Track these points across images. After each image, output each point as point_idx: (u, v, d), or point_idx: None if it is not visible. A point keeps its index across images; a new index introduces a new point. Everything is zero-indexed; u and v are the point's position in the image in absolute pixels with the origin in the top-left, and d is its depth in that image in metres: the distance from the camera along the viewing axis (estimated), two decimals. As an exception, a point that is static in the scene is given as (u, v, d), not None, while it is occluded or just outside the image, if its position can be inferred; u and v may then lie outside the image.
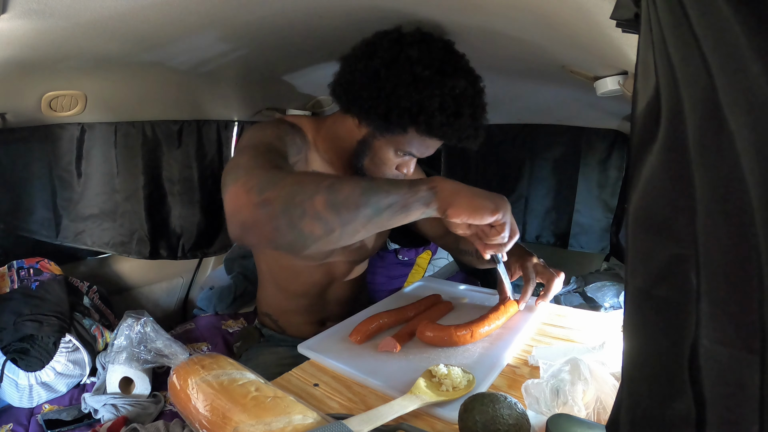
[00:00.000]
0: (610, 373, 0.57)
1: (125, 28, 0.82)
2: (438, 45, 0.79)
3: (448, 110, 0.76)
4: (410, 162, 0.90)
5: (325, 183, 0.60)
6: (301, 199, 0.58)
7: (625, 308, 0.36)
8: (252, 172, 0.62)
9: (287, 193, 0.58)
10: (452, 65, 0.78)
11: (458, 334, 0.76)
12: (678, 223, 0.32)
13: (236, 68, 1.19)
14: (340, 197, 0.58)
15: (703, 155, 0.29)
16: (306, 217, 0.58)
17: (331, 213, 0.58)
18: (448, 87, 0.75)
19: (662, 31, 0.32)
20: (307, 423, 0.51)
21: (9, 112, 1.06)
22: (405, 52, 0.76)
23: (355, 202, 0.59)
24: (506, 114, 1.66)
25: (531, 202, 1.73)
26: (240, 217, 0.59)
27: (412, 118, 0.77)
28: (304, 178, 0.62)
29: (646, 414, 0.34)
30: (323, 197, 0.58)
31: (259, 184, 0.59)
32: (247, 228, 0.59)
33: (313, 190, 0.58)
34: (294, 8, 0.80)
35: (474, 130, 0.82)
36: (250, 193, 0.59)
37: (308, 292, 1.07)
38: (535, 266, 0.96)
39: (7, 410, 0.97)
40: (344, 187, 0.59)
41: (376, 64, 0.77)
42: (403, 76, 0.76)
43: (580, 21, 0.64)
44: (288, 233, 0.58)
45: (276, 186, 0.59)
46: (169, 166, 1.39)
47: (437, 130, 0.78)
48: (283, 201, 0.57)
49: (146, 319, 1.04)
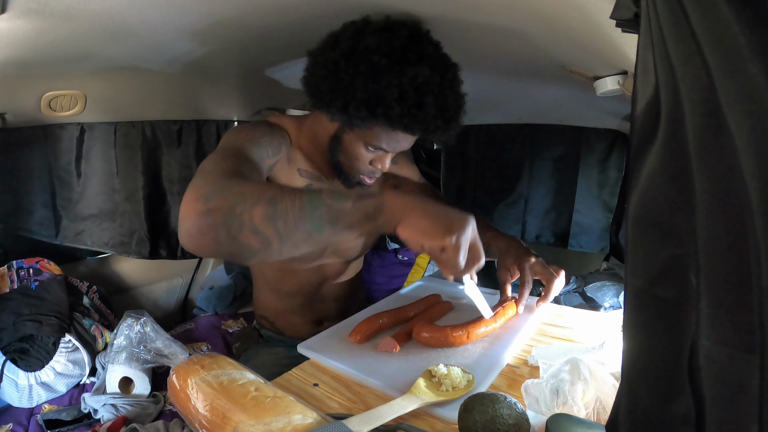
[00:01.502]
0: (609, 373, 0.57)
1: (125, 28, 0.82)
2: (402, 33, 0.74)
3: (408, 100, 0.72)
4: (384, 157, 0.86)
5: (267, 195, 0.58)
6: (241, 210, 0.57)
7: (625, 308, 0.36)
8: (207, 179, 0.62)
9: (229, 204, 0.57)
10: (416, 53, 0.73)
11: (454, 335, 0.76)
12: (677, 223, 0.32)
13: (236, 68, 1.19)
14: (278, 210, 0.57)
15: (702, 155, 0.29)
16: (244, 229, 0.57)
17: (269, 227, 0.57)
18: (409, 76, 0.71)
19: (662, 31, 0.32)
20: (306, 423, 0.51)
21: (9, 112, 1.06)
22: (364, 42, 0.73)
23: (293, 216, 0.57)
24: (506, 114, 1.66)
25: (531, 202, 1.73)
26: (185, 224, 0.58)
27: (371, 110, 0.73)
28: (249, 189, 0.59)
29: (645, 414, 0.34)
30: (262, 210, 0.57)
31: (207, 193, 0.59)
32: (191, 236, 0.58)
33: (254, 202, 0.57)
34: (295, 7, 0.80)
35: (443, 122, 0.76)
36: (197, 201, 0.58)
37: (301, 292, 1.06)
38: (533, 266, 0.92)
39: (7, 410, 0.97)
40: (285, 199, 0.58)
41: (336, 56, 0.74)
42: (361, 67, 0.72)
43: (579, 21, 0.64)
44: (227, 244, 0.57)
45: (221, 196, 0.58)
46: (169, 166, 1.39)
47: (398, 121, 0.74)
48: (224, 212, 0.57)
49: (146, 319, 1.04)
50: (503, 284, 0.94)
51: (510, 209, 1.77)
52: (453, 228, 0.59)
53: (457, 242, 0.59)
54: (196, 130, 1.42)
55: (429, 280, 1.21)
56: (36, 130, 1.16)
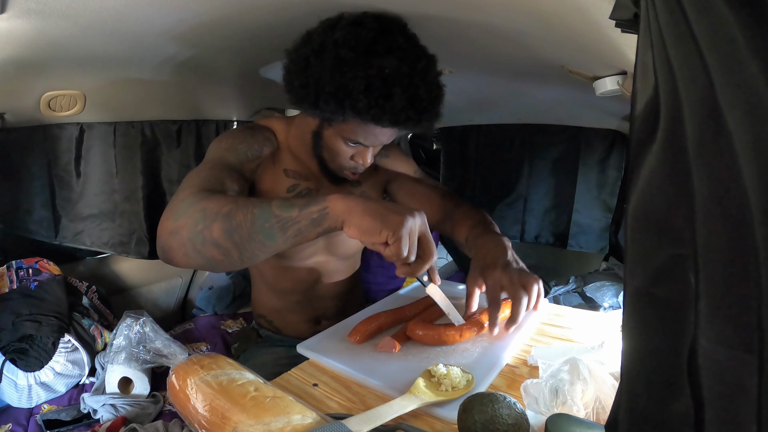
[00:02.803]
0: (609, 373, 0.57)
1: (125, 28, 0.82)
2: (372, 26, 0.73)
3: (375, 92, 0.71)
4: (365, 152, 0.86)
5: (224, 210, 0.63)
6: (202, 227, 0.63)
7: (624, 308, 0.36)
8: (179, 196, 0.68)
9: (192, 222, 0.63)
10: (385, 45, 0.72)
11: (447, 333, 0.77)
12: (677, 223, 0.32)
13: (235, 68, 1.19)
14: (234, 224, 0.62)
15: (702, 155, 0.29)
16: (207, 244, 0.63)
17: (227, 240, 0.62)
18: (375, 68, 0.71)
19: (661, 32, 0.32)
20: (306, 423, 0.51)
21: (8, 112, 1.06)
22: (333, 36, 0.73)
23: (247, 228, 0.62)
24: (505, 114, 1.66)
25: (530, 202, 1.73)
26: (159, 242, 0.67)
27: (339, 103, 0.73)
28: (209, 205, 0.64)
29: (644, 414, 0.34)
30: (220, 225, 0.62)
31: (176, 211, 0.66)
32: (164, 252, 0.67)
33: (212, 219, 0.63)
34: (293, 6, 0.80)
35: (414, 113, 0.75)
36: (168, 220, 0.66)
37: (297, 290, 1.06)
38: (500, 279, 0.79)
39: (6, 410, 0.97)
40: (239, 213, 0.63)
41: (307, 52, 0.76)
42: (328, 61, 0.72)
43: (579, 21, 0.64)
44: (195, 257, 0.65)
45: (186, 214, 0.64)
46: (168, 166, 1.39)
47: (365, 113, 0.73)
48: (189, 229, 0.63)
49: (145, 319, 1.04)
50: (468, 296, 0.84)
51: (509, 209, 1.77)
52: (389, 224, 0.62)
53: (395, 237, 0.61)
54: (196, 130, 1.42)
55: (428, 280, 1.21)
56: (35, 130, 1.15)
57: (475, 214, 1.01)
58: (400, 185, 1.09)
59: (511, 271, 0.80)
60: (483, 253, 0.87)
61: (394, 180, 1.10)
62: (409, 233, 0.63)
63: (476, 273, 0.84)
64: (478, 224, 0.97)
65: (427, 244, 0.66)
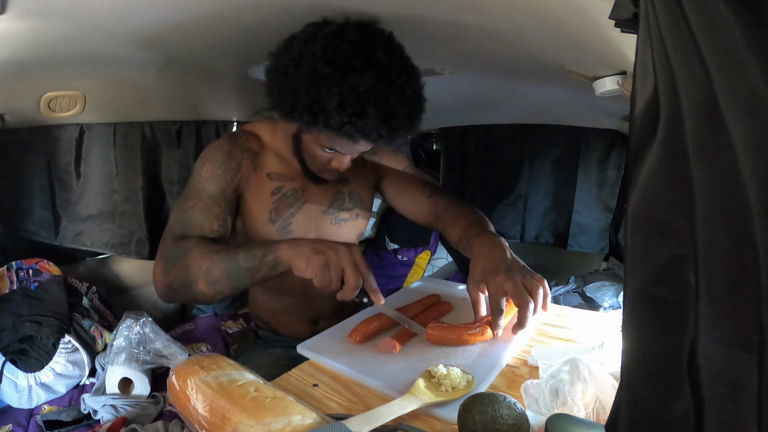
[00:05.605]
0: (609, 373, 0.57)
1: (125, 28, 0.82)
2: (353, 38, 0.73)
3: (348, 109, 0.72)
4: (342, 158, 0.87)
5: (204, 268, 0.77)
6: (190, 282, 0.78)
7: (624, 308, 0.36)
8: (165, 244, 0.82)
9: (181, 279, 0.78)
10: (364, 60, 0.72)
11: (468, 333, 0.77)
12: (677, 223, 0.32)
13: (235, 68, 1.19)
14: (213, 278, 0.77)
15: (701, 155, 0.29)
16: (197, 293, 0.79)
17: (211, 289, 0.78)
18: (350, 84, 0.71)
19: (661, 32, 0.32)
20: (306, 423, 0.51)
21: (8, 113, 1.06)
22: (312, 48, 0.73)
23: (225, 279, 0.77)
24: (505, 114, 1.66)
25: (530, 202, 1.73)
26: (156, 288, 0.81)
27: (313, 117, 0.75)
28: (192, 262, 0.78)
29: (645, 414, 0.34)
30: (203, 280, 0.77)
31: (166, 263, 0.79)
32: (164, 296, 0.81)
33: (196, 276, 0.77)
34: (292, 6, 0.80)
35: (388, 131, 0.76)
36: (159, 273, 0.80)
37: (293, 290, 1.06)
38: (503, 284, 0.75)
39: (7, 411, 0.97)
40: (215, 270, 0.77)
41: (286, 60, 0.76)
42: (305, 73, 0.73)
43: (578, 21, 0.64)
44: (189, 299, 0.82)
45: (173, 270, 0.78)
46: (168, 166, 1.39)
47: (338, 129, 0.75)
48: (179, 283, 0.78)
49: (145, 320, 1.04)
50: (474, 304, 0.82)
51: (509, 209, 1.77)
52: (311, 263, 0.74)
53: (314, 273, 0.74)
54: (196, 131, 1.42)
55: (428, 281, 1.21)
56: (35, 131, 1.16)
57: (467, 212, 0.99)
58: (390, 184, 1.10)
59: (515, 276, 0.76)
60: (482, 257, 0.82)
61: (384, 178, 1.10)
62: (329, 268, 0.73)
63: (477, 279, 0.80)
64: (471, 224, 0.94)
65: (348, 275, 0.74)
